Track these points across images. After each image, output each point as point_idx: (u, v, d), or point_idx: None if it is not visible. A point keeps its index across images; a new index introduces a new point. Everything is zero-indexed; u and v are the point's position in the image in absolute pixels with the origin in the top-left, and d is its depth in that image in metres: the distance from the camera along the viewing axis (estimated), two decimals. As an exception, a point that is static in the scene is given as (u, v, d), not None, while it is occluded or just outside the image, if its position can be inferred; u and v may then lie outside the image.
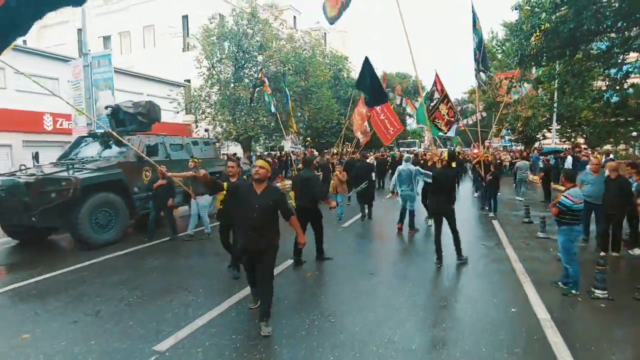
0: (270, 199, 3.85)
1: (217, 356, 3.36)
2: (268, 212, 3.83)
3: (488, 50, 29.99)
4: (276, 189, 4.04)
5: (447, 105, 11.25)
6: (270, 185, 3.99)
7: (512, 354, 3.46)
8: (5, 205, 7.05)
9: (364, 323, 4.08)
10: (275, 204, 3.87)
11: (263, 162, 3.94)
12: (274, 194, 3.90)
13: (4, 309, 4.59)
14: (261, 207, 3.79)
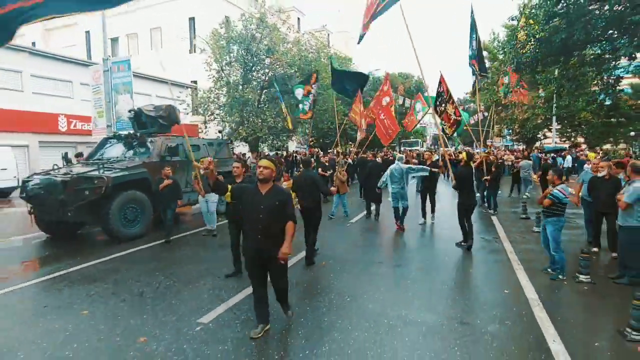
0: (276, 199, 3.75)
1: (253, 327, 3.98)
2: (274, 212, 3.72)
3: (489, 51, 30.59)
4: (282, 190, 3.97)
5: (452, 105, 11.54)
6: (276, 186, 3.92)
7: (503, 325, 4.08)
8: (43, 202, 7.70)
9: (377, 302, 4.71)
10: (280, 204, 3.75)
11: (267, 161, 3.83)
12: (279, 195, 3.81)
13: (59, 292, 5.23)
14: (267, 208, 3.71)
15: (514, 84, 11.33)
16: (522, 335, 3.87)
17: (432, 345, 3.68)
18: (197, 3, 33.18)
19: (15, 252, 7.56)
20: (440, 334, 3.91)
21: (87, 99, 22.11)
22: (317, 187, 6.26)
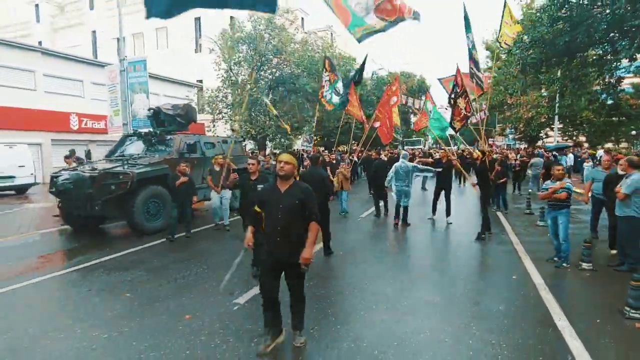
0: (296, 198, 3.38)
1: (284, 306, 4.38)
2: (294, 212, 3.37)
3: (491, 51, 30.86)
4: (304, 187, 3.50)
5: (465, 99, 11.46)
6: (297, 183, 3.51)
7: (512, 306, 4.47)
8: (72, 197, 8.11)
9: (394, 286, 5.10)
10: (301, 203, 3.38)
11: (288, 156, 3.44)
12: (300, 193, 3.42)
13: (98, 278, 5.63)
14: (286, 207, 3.36)
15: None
16: (530, 314, 4.26)
17: (450, 321, 4.08)
18: (203, 3, 33.44)
19: (43, 244, 7.97)
20: (456, 312, 4.30)
21: (97, 98, 22.64)
22: (325, 185, 6.36)
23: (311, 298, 4.62)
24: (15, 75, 18.79)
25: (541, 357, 3.37)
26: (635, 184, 5.37)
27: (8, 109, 18.02)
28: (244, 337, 3.78)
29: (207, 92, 21.87)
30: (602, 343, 3.61)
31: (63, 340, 3.74)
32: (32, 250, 7.42)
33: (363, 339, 3.70)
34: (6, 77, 18.41)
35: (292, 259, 3.36)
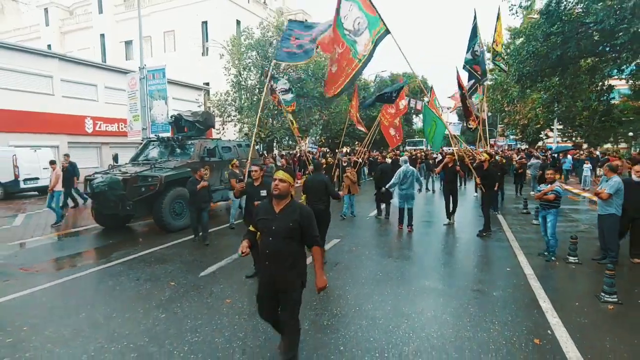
0: (290, 219, 3.09)
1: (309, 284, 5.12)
2: (287, 236, 3.08)
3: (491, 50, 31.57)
4: (300, 208, 3.20)
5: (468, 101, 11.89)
6: (293, 203, 3.22)
7: (505, 292, 5.21)
8: (106, 197, 8.88)
9: (401, 275, 5.86)
10: (296, 225, 3.09)
11: (284, 173, 3.17)
12: (296, 214, 3.12)
13: (141, 270, 6.39)
14: (278, 229, 3.09)
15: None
16: (519, 298, 5.01)
17: (451, 304, 4.83)
18: (210, 7, 34.25)
19: (82, 241, 8.75)
20: (455, 297, 5.05)
21: (110, 102, 23.46)
22: (327, 190, 6.55)
23: (330, 287, 5.39)
24: (34, 81, 19.57)
25: (525, 330, 4.11)
26: (617, 186, 6.11)
27: (28, 113, 18.82)
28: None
29: (215, 96, 22.61)
30: (577, 320, 4.35)
31: (130, 319, 4.50)
32: (75, 246, 8.22)
33: (379, 318, 4.45)
34: (26, 83, 19.20)
35: (283, 286, 3.15)
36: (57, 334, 4.15)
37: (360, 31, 7.30)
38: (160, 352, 3.73)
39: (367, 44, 7.29)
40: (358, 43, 7.34)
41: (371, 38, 7.29)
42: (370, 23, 7.28)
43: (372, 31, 7.26)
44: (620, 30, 7.81)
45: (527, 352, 3.68)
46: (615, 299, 4.76)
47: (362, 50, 7.34)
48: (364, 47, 7.30)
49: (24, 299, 5.21)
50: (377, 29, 7.24)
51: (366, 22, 7.26)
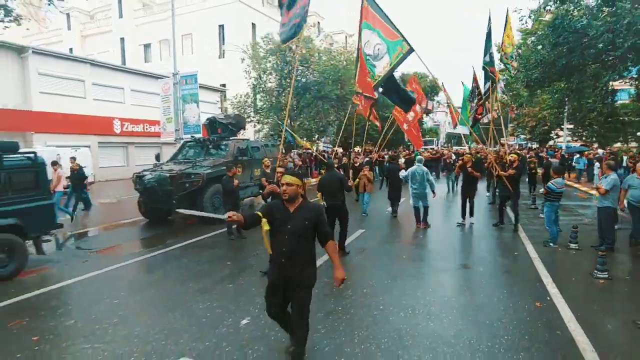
0: (304, 218, 3.27)
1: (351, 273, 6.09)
2: (302, 234, 3.25)
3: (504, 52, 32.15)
4: (313, 207, 3.39)
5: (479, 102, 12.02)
6: (306, 202, 3.39)
7: (513, 271, 6.13)
8: (155, 192, 9.95)
9: (424, 258, 6.81)
10: (310, 224, 3.27)
11: (290, 177, 3.30)
12: (308, 212, 3.30)
13: (197, 254, 7.40)
14: (294, 227, 3.24)
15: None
16: (525, 275, 5.93)
17: (466, 279, 5.77)
18: (226, 11, 35.32)
19: (133, 231, 9.84)
20: (471, 274, 5.99)
21: (136, 104, 24.71)
22: (343, 186, 6.94)
23: (364, 266, 6.37)
24: (68, 85, 20.87)
25: (529, 297, 5.04)
26: (614, 182, 6.98)
27: (63, 115, 20.11)
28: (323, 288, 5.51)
29: (235, 98, 23.69)
30: (572, 290, 5.26)
31: (202, 289, 5.51)
32: (128, 235, 9.33)
33: (408, 288, 5.41)
34: (61, 87, 20.50)
35: (297, 281, 3.29)
36: (146, 301, 5.19)
37: (380, 56, 8.26)
38: (239, 309, 4.75)
39: (386, 66, 8.26)
40: (377, 67, 8.39)
41: (390, 61, 8.22)
42: (390, 48, 8.16)
43: (391, 56, 8.15)
44: (617, 44, 8.65)
45: (530, 311, 4.62)
46: (605, 275, 5.65)
47: (379, 71, 8.38)
48: (382, 69, 8.31)
49: (107, 275, 6.27)
50: (397, 52, 8.08)
51: (385, 49, 8.17)
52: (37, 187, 6.72)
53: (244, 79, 22.34)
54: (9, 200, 6.26)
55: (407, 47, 7.85)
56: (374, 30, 8.22)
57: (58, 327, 4.42)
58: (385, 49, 8.10)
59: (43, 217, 6.75)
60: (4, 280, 5.98)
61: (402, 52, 7.92)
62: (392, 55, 8.15)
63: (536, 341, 3.92)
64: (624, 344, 3.91)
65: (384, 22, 8.15)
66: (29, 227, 6.44)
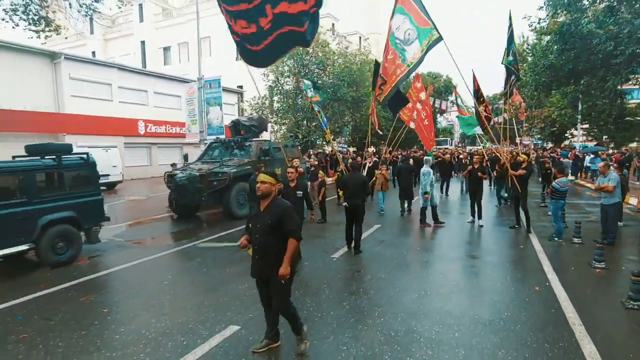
0: (269, 217, 3.48)
1: (369, 261, 6.76)
2: (266, 232, 3.47)
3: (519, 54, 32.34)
4: (281, 205, 3.57)
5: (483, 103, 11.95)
6: (276, 201, 3.61)
7: (518, 263, 6.72)
8: (186, 190, 10.75)
9: (436, 248, 7.44)
10: (274, 222, 3.46)
11: (265, 176, 3.58)
12: (275, 212, 3.49)
13: (216, 251, 8.17)
14: (262, 226, 3.51)
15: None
16: (527, 265, 6.52)
17: (473, 267, 6.39)
18: (244, 15, 36.14)
19: (167, 225, 10.67)
20: (476, 263, 6.60)
21: (158, 106, 25.76)
22: (365, 188, 7.27)
23: (384, 254, 7.04)
24: (97, 88, 21.99)
25: (529, 282, 5.65)
26: (617, 179, 7.48)
27: (92, 117, 21.22)
28: (346, 273, 6.21)
29: (254, 100, 24.51)
30: (569, 277, 5.84)
31: (242, 272, 6.24)
32: (161, 229, 10.16)
33: (422, 272, 6.06)
34: (89, 90, 21.62)
35: (267, 275, 3.55)
36: (191, 283, 5.96)
37: (410, 41, 8.35)
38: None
39: (417, 52, 8.28)
40: (407, 52, 8.47)
41: (421, 48, 8.25)
42: (420, 35, 8.20)
43: (422, 42, 8.22)
44: (619, 51, 9.11)
45: (529, 293, 5.24)
46: (602, 265, 6.21)
47: (410, 57, 8.43)
48: (412, 55, 8.37)
49: (151, 262, 7.07)
50: (427, 39, 8.15)
51: (416, 34, 8.23)
52: (89, 184, 7.58)
53: (261, 81, 23.12)
54: (67, 195, 7.11)
55: (437, 35, 7.87)
56: (407, 15, 8.23)
57: (121, 302, 5.21)
58: (416, 35, 8.15)
59: (94, 211, 7.60)
60: (64, 265, 6.83)
61: (432, 40, 7.96)
62: (422, 42, 8.16)
63: (532, 316, 4.54)
64: (609, 320, 4.49)
65: (417, 8, 8.21)
66: (83, 219, 7.28)
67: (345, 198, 7.42)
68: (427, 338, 4.04)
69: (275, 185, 3.64)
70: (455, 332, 4.16)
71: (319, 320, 4.53)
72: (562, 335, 4.08)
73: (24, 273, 6.56)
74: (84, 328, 4.41)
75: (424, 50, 8.20)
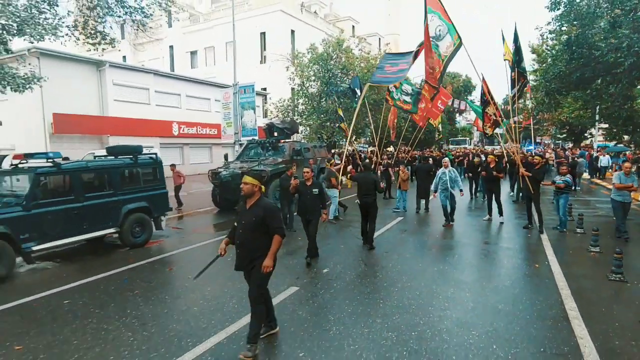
0: (254, 215, 3.73)
1: (395, 245, 7.94)
2: (252, 228, 3.73)
3: (538, 54, 32.78)
4: (264, 205, 3.83)
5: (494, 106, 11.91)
6: (261, 200, 3.86)
7: (524, 247, 7.81)
8: (229, 186, 12.14)
9: (449, 242, 8.58)
10: (258, 219, 3.71)
11: (248, 177, 3.85)
12: (259, 210, 3.75)
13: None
14: (246, 223, 3.75)
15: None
16: (531, 249, 7.62)
17: (486, 250, 7.52)
18: (267, 20, 37.75)
19: (209, 218, 12.08)
20: (488, 247, 7.72)
21: (190, 109, 27.42)
22: (376, 187, 7.71)
23: (408, 242, 8.23)
24: (135, 93, 23.74)
25: (530, 261, 6.76)
26: (624, 178, 8.42)
27: (132, 119, 22.97)
28: (379, 256, 7.40)
29: (280, 102, 25.91)
30: (566, 258, 6.92)
31: (286, 255, 7.52)
32: (208, 220, 11.57)
33: (437, 258, 7.24)
34: (130, 95, 23.38)
35: (251, 267, 3.83)
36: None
37: (442, 36, 8.81)
38: (317, 265, 6.74)
39: (449, 46, 8.74)
40: (440, 47, 8.89)
41: (452, 41, 8.71)
42: (450, 29, 8.70)
43: (453, 36, 8.72)
44: (619, 62, 10.00)
45: (529, 269, 6.36)
46: (597, 249, 7.25)
47: (444, 52, 8.87)
48: (445, 49, 8.82)
49: (207, 246, 8.43)
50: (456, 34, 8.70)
51: (446, 29, 8.71)
52: (157, 179, 9.01)
53: (287, 84, 24.48)
54: (141, 189, 8.55)
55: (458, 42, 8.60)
56: (435, 12, 8.66)
57: (195, 273, 6.56)
58: (447, 30, 8.63)
59: (161, 202, 9.02)
60: (139, 246, 8.26)
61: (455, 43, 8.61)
62: (453, 36, 8.62)
63: (529, 284, 5.68)
64: (592, 288, 5.57)
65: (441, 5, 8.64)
66: (153, 208, 8.71)
67: (358, 196, 7.99)
68: (444, 296, 5.23)
69: (257, 186, 3.89)
70: (467, 293, 5.34)
71: (359, 284, 5.78)
72: (552, 296, 5.21)
73: (107, 253, 8.00)
74: (178, 288, 5.78)
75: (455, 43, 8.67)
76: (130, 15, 14.29)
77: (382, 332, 4.27)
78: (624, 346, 3.91)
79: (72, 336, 4.32)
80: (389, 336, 4.16)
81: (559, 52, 12.61)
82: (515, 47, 11.97)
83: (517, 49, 12.15)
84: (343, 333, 4.26)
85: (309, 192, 6.81)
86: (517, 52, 12.20)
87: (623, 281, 5.72)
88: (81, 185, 7.39)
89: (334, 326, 4.45)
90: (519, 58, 11.73)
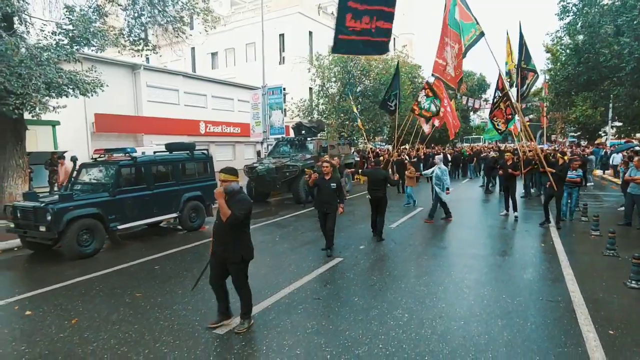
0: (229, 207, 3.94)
1: (418, 230, 9.09)
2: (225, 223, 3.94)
3: (552, 54, 33.35)
4: (238, 198, 4.07)
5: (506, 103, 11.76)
6: (237, 196, 4.08)
7: (530, 231, 8.86)
8: (264, 179, 13.41)
9: (461, 227, 9.68)
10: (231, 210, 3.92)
11: (224, 174, 4.05)
12: (233, 202, 3.99)
13: (304, 221, 10.67)
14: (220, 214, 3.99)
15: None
16: (539, 233, 8.69)
17: (496, 233, 8.61)
18: (286, 21, 38.97)
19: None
20: (497, 232, 8.81)
21: (216, 108, 28.84)
22: (386, 182, 8.11)
23: (414, 230, 9.38)
24: (166, 94, 25.24)
25: (537, 241, 7.85)
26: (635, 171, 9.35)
27: (163, 119, 24.48)
28: (394, 247, 8.57)
29: (301, 102, 27.13)
30: (569, 239, 7.99)
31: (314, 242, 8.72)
32: (247, 210, 12.83)
33: (447, 245, 8.37)
34: (160, 96, 24.89)
35: (225, 257, 4.07)
36: (283, 244, 8.45)
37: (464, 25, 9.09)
38: (342, 247, 7.93)
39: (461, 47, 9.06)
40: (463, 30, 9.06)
41: (463, 42, 9.03)
42: (463, 30, 8.92)
43: (464, 37, 9.04)
44: (620, 67, 10.93)
45: (535, 247, 7.47)
46: (597, 233, 8.29)
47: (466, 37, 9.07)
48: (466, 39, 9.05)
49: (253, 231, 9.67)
50: (470, 34, 8.92)
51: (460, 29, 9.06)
52: (207, 172, 10.31)
53: (304, 84, 25.65)
54: (196, 180, 9.87)
55: (480, 30, 8.73)
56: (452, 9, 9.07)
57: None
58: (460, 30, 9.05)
59: (211, 192, 10.31)
60: (194, 230, 9.57)
61: (475, 34, 8.88)
62: (465, 37, 8.95)
63: (534, 258, 6.81)
64: (589, 261, 6.64)
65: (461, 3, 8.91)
66: (206, 197, 10.01)
67: (369, 191, 8.37)
68: (458, 270, 6.37)
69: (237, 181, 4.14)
70: (480, 265, 6.48)
71: (381, 265, 6.81)
72: (552, 266, 6.33)
73: (169, 235, 9.32)
74: (242, 259, 7.03)
75: (466, 45, 9.02)
76: (172, 23, 15.62)
77: (415, 286, 5.48)
78: (606, 297, 5.03)
79: (175, 288, 5.62)
80: (421, 290, 5.36)
81: (568, 57, 13.55)
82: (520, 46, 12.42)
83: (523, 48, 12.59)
84: (384, 288, 5.47)
85: (328, 186, 7.03)
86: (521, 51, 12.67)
87: (616, 256, 6.77)
88: (152, 176, 8.73)
89: (377, 282, 5.66)
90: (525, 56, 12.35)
